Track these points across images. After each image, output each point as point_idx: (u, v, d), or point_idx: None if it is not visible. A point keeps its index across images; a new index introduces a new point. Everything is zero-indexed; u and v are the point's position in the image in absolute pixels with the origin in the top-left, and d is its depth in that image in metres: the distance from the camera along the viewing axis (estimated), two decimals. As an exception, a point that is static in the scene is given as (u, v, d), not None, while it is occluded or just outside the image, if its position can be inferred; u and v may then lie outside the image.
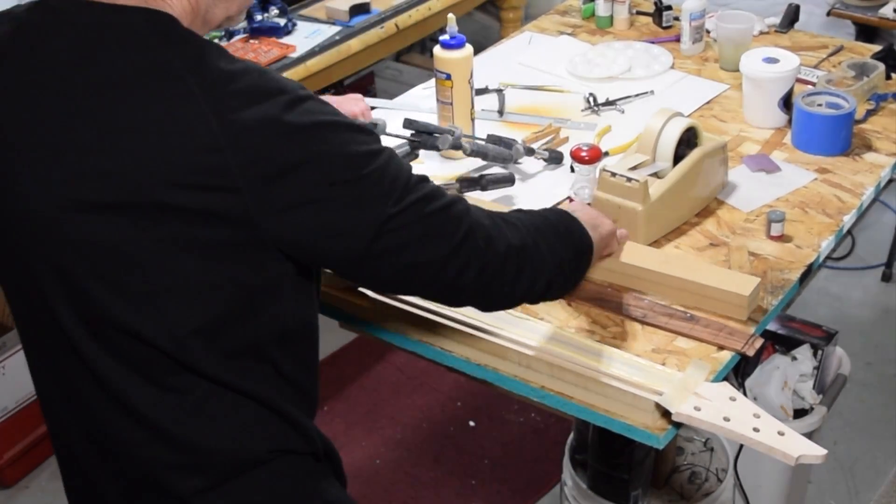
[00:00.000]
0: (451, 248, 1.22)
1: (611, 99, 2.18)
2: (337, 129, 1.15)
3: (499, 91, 2.22)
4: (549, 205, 1.85)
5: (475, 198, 1.81)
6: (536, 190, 1.90)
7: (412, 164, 1.91)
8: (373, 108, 2.26)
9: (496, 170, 1.92)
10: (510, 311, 1.57)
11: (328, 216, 1.14)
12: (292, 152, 1.11)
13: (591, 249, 1.46)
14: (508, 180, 1.88)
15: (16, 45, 1.17)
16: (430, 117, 2.09)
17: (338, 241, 1.16)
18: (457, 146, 1.89)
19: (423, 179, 1.23)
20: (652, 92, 2.21)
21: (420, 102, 2.22)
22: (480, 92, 2.21)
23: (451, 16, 1.97)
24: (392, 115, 2.18)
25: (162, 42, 1.13)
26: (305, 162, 1.11)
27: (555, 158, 1.97)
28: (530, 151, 1.95)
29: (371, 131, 1.20)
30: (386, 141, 1.36)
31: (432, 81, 2.05)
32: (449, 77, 1.96)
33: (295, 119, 1.11)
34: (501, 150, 1.91)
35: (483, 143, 1.93)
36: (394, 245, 1.18)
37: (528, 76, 2.32)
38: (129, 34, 1.13)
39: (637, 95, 2.19)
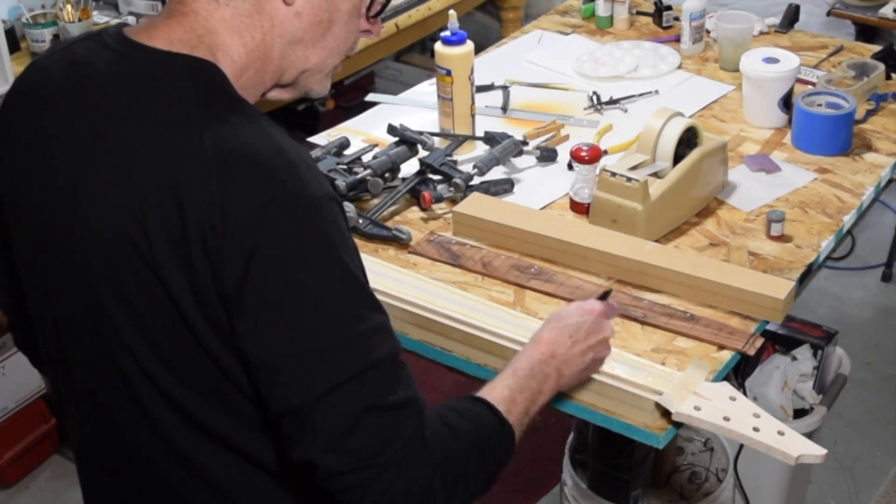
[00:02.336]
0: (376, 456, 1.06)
1: (615, 98, 2.18)
2: (341, 267, 1.07)
3: (504, 88, 2.23)
4: (547, 203, 1.85)
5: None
6: (536, 190, 1.90)
7: (410, 160, 1.91)
8: (376, 102, 2.26)
9: (496, 175, 1.92)
10: (510, 310, 1.58)
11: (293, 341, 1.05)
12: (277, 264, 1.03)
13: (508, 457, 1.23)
14: (507, 186, 1.88)
15: (71, 85, 1.14)
16: (432, 113, 2.09)
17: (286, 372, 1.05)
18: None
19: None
20: (657, 91, 2.21)
21: (424, 98, 2.22)
22: (486, 88, 2.22)
23: (452, 12, 1.98)
24: (394, 112, 2.19)
25: (195, 90, 1.08)
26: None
27: (547, 156, 1.97)
28: (521, 148, 1.95)
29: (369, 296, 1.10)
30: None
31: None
32: (449, 73, 1.96)
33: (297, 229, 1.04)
34: (490, 158, 1.91)
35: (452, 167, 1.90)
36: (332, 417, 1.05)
37: (535, 74, 2.32)
38: (166, 80, 1.09)
39: (641, 95, 2.20)
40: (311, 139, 2.13)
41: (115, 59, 1.12)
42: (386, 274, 1.62)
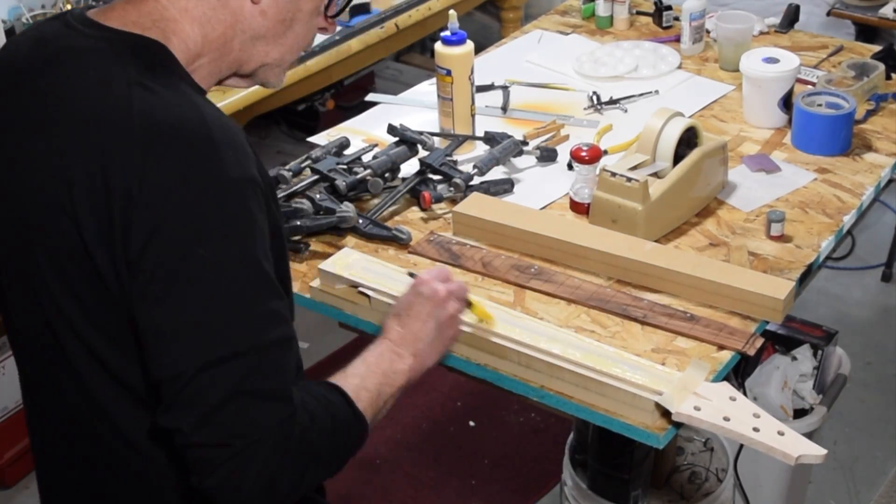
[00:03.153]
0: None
1: (615, 98, 2.18)
2: (250, 242, 1.11)
3: (504, 87, 2.23)
4: (547, 203, 1.86)
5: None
6: (536, 190, 1.90)
7: (410, 160, 1.91)
8: (377, 102, 2.26)
9: (496, 175, 1.92)
10: (510, 310, 1.58)
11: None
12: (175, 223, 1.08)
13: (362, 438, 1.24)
14: (507, 186, 1.88)
15: (31, 58, 1.20)
16: (432, 113, 2.09)
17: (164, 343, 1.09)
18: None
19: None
20: (657, 91, 2.21)
21: (424, 98, 2.22)
22: (486, 88, 2.22)
23: (452, 12, 1.98)
24: (394, 112, 2.19)
25: (135, 63, 1.13)
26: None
27: (547, 157, 1.97)
28: (521, 148, 1.95)
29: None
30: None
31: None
32: (449, 73, 1.96)
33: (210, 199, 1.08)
34: (490, 159, 1.91)
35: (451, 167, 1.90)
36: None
37: (535, 74, 2.32)
38: (109, 54, 1.15)
39: (641, 95, 2.20)
40: (311, 139, 2.13)
41: (71, 35, 1.18)
42: (386, 274, 1.62)
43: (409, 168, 1.91)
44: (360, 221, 1.76)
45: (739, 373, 1.57)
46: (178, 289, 1.07)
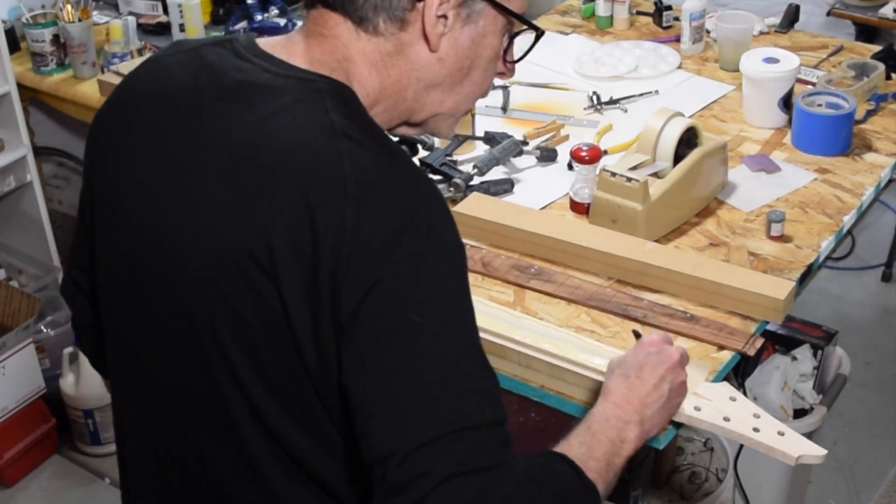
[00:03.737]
0: None
1: (615, 98, 2.18)
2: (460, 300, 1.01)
3: (504, 87, 2.23)
4: (547, 203, 1.85)
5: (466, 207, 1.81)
6: (536, 190, 1.90)
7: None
8: None
9: (496, 175, 1.92)
10: (510, 310, 1.58)
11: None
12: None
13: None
14: (507, 186, 1.89)
15: (199, 88, 1.09)
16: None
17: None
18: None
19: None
20: (657, 91, 2.21)
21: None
22: (486, 88, 2.22)
23: (452, 13, 1.97)
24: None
25: (336, 109, 1.04)
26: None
27: (547, 157, 1.97)
28: (521, 148, 1.95)
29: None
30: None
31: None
32: (449, 75, 1.96)
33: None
34: (490, 158, 1.91)
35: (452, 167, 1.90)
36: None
37: (535, 74, 2.32)
38: (304, 97, 1.05)
39: (641, 95, 2.20)
40: (312, 139, 2.13)
41: (250, 68, 1.08)
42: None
43: (409, 168, 1.90)
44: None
45: (739, 373, 1.56)
46: (389, 357, 0.98)
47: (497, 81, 2.21)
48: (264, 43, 1.11)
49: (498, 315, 1.55)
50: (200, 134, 1.07)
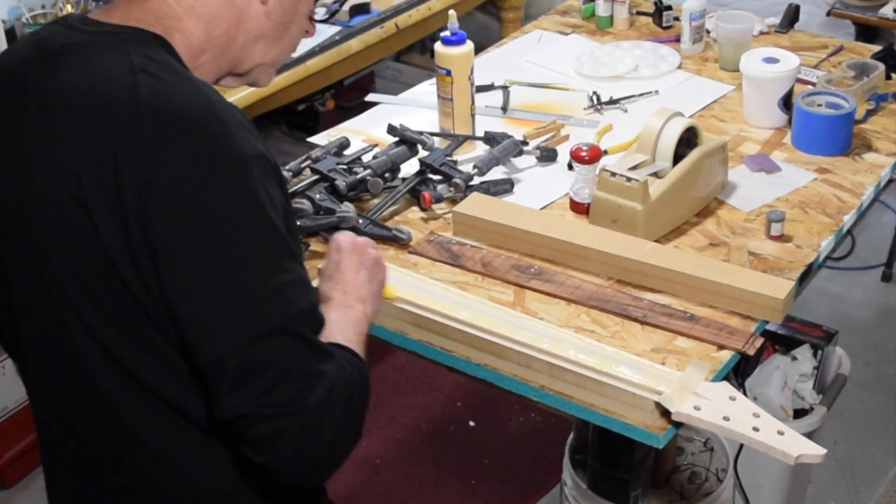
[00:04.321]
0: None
1: (615, 98, 2.18)
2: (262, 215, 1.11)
3: (504, 88, 2.23)
4: (547, 203, 1.86)
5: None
6: (536, 190, 1.90)
7: (410, 160, 1.91)
8: (377, 102, 2.26)
9: (496, 175, 1.92)
10: (510, 310, 1.58)
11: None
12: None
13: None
14: (507, 186, 1.89)
15: (31, 58, 1.20)
16: (432, 113, 2.09)
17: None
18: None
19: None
20: (657, 91, 2.21)
21: (424, 98, 2.22)
22: (486, 88, 2.22)
23: (451, 12, 1.98)
24: (394, 112, 2.19)
25: (137, 53, 1.13)
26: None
27: (547, 157, 1.98)
28: (521, 148, 1.95)
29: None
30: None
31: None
32: (449, 73, 1.97)
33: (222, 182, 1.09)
34: (490, 158, 1.91)
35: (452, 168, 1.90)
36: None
37: (535, 74, 2.32)
38: (111, 47, 1.15)
39: (641, 95, 2.20)
40: (311, 139, 2.13)
41: (71, 34, 1.18)
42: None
43: (409, 168, 1.91)
44: (360, 221, 1.76)
45: (739, 373, 1.57)
46: (207, 268, 1.07)
47: (497, 82, 2.23)
48: (93, 13, 1.22)
49: (498, 315, 1.55)
50: (26, 96, 1.17)
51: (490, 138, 1.97)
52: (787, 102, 2.03)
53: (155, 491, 1.22)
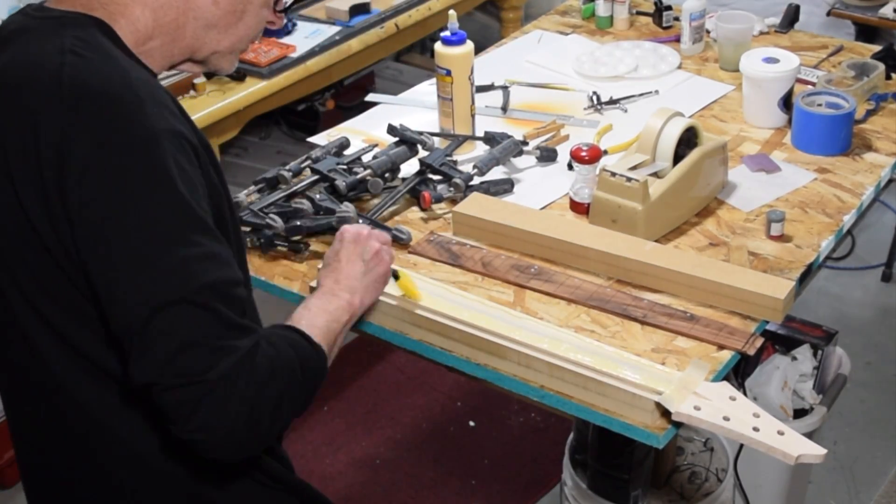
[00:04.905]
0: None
1: (615, 98, 2.18)
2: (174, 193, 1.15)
3: (504, 88, 2.23)
4: (547, 203, 1.86)
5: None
6: (536, 190, 1.90)
7: (410, 160, 1.91)
8: (376, 102, 2.26)
9: (496, 175, 1.92)
10: (510, 310, 1.58)
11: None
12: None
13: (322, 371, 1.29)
14: (507, 186, 1.89)
15: None
16: (432, 113, 2.09)
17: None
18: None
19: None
20: (657, 91, 2.21)
21: (424, 98, 2.22)
22: (486, 88, 2.22)
23: (452, 12, 1.98)
24: (394, 112, 2.19)
25: (71, 34, 1.18)
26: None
27: (547, 157, 1.98)
28: (521, 148, 1.95)
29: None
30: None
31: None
32: (449, 73, 1.97)
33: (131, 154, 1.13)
34: (490, 158, 1.91)
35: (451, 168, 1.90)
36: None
37: (535, 74, 2.32)
38: (51, 30, 1.20)
39: (641, 95, 2.20)
40: (311, 139, 2.13)
41: (24, 20, 1.24)
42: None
43: (409, 168, 1.91)
44: (360, 221, 1.76)
45: (739, 373, 1.57)
46: (115, 236, 1.12)
47: (497, 82, 2.23)
48: (48, 1, 1.26)
49: (498, 315, 1.55)
50: None
51: (490, 138, 1.97)
52: (787, 102, 2.03)
53: (94, 450, 1.27)
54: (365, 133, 2.11)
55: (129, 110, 1.14)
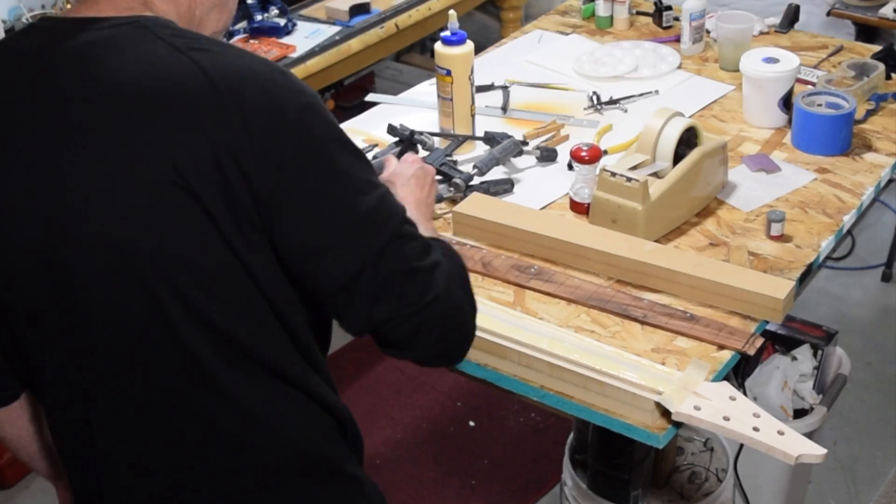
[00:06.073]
0: (414, 307, 1.19)
1: (615, 98, 2.18)
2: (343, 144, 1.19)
3: (504, 88, 2.23)
4: (547, 203, 1.86)
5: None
6: (536, 190, 1.90)
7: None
8: (376, 102, 2.27)
9: (496, 175, 1.92)
10: (510, 310, 1.58)
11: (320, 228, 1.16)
12: (290, 149, 1.13)
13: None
14: (507, 186, 1.89)
15: (30, 70, 1.17)
16: (432, 113, 2.09)
17: (323, 258, 1.16)
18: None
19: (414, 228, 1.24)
20: (657, 91, 2.21)
21: (424, 98, 2.22)
22: (486, 88, 2.22)
23: (452, 12, 1.98)
24: (394, 112, 2.19)
25: (165, 33, 1.16)
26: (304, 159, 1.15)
27: (547, 157, 1.98)
28: (521, 148, 1.95)
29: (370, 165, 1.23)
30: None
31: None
32: (449, 73, 1.96)
33: (301, 117, 1.15)
34: (490, 158, 1.91)
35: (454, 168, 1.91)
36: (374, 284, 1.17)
37: (535, 74, 2.32)
38: (134, 36, 1.15)
39: (641, 95, 2.20)
40: (312, 139, 2.13)
41: (74, 33, 1.16)
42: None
43: (409, 168, 1.91)
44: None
45: (739, 373, 1.57)
46: (324, 201, 1.15)
47: (497, 82, 2.23)
48: (69, 12, 1.20)
49: (498, 315, 1.55)
50: (54, 104, 1.14)
51: (490, 138, 1.97)
52: (787, 102, 2.03)
53: (250, 452, 1.24)
54: (365, 133, 2.11)
55: (285, 83, 1.15)
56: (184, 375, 1.19)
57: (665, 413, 1.39)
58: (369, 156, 1.92)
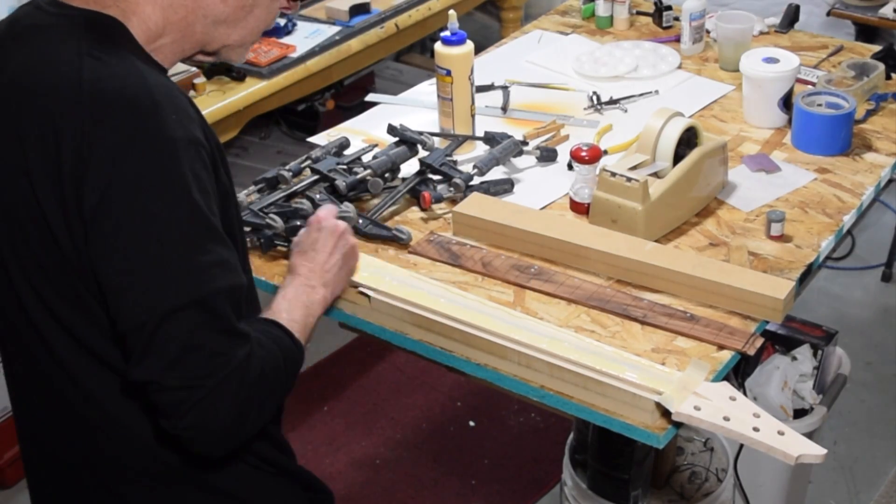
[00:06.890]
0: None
1: (615, 98, 2.18)
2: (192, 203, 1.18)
3: (504, 88, 2.23)
4: (547, 203, 1.86)
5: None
6: (536, 190, 1.90)
7: (410, 160, 1.91)
8: (376, 102, 2.27)
9: (496, 175, 1.92)
10: (510, 310, 1.58)
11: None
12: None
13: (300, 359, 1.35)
14: (507, 186, 1.89)
15: (3, 34, 1.27)
16: (432, 113, 2.09)
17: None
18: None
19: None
20: (657, 91, 2.21)
21: (424, 98, 2.22)
22: (486, 88, 2.22)
23: (452, 12, 1.98)
24: (394, 112, 2.19)
25: (87, 36, 1.20)
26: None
27: (547, 157, 1.98)
28: (521, 148, 1.95)
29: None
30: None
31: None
32: (449, 73, 1.97)
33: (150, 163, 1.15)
34: (490, 158, 1.91)
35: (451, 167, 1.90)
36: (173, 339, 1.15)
37: (535, 74, 2.32)
38: (66, 29, 1.21)
39: (641, 95, 2.20)
40: (311, 139, 2.13)
41: (38, 14, 1.25)
42: (386, 274, 1.62)
43: (409, 168, 1.91)
44: (360, 221, 1.76)
45: (739, 373, 1.57)
46: (130, 242, 1.14)
47: (497, 82, 2.23)
48: None
49: (498, 315, 1.55)
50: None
51: (490, 138, 1.97)
52: (787, 102, 2.03)
53: (99, 437, 1.30)
54: (365, 133, 2.11)
55: (148, 117, 1.15)
56: (39, 355, 1.27)
57: (665, 413, 1.39)
58: (369, 156, 1.92)
